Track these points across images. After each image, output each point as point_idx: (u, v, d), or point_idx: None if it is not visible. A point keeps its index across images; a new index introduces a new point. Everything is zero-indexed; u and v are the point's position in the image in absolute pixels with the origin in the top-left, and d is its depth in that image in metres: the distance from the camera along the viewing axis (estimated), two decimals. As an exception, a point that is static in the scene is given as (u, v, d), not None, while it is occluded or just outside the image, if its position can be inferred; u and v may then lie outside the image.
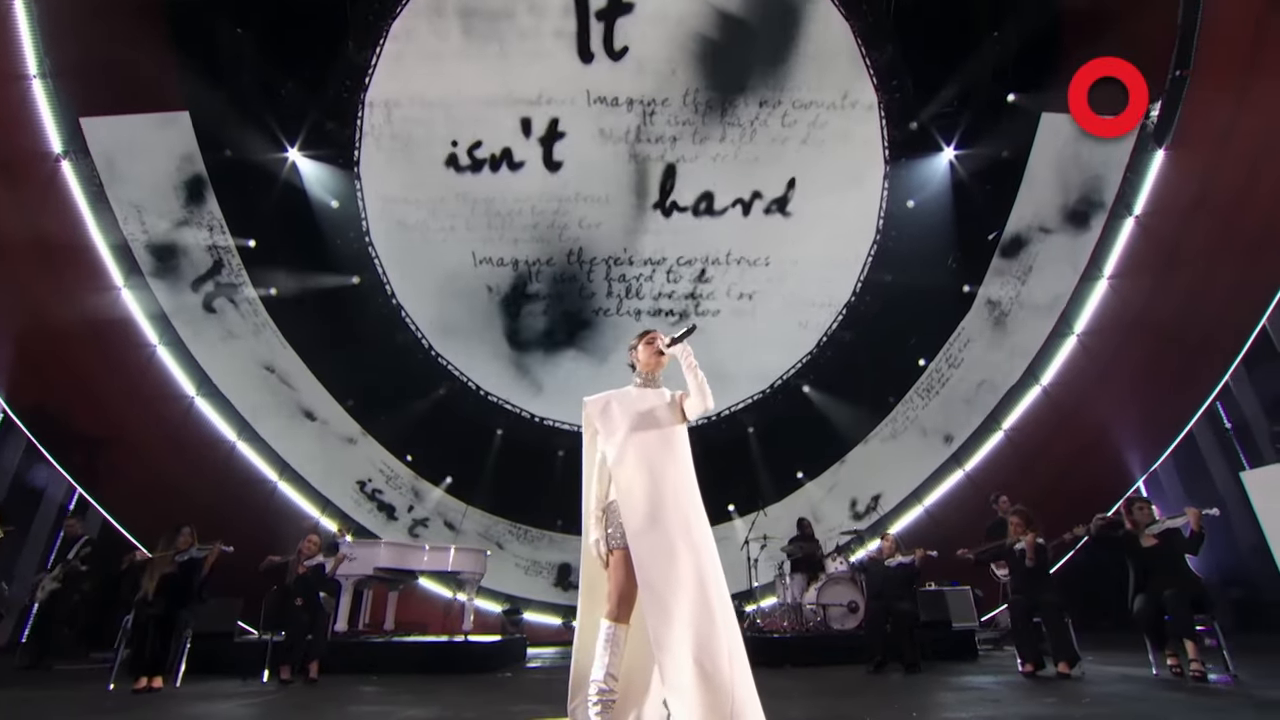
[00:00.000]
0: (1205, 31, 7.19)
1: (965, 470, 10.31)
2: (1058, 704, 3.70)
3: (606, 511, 2.74)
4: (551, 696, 4.53)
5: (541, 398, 11.55)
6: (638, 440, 2.74)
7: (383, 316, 11.02)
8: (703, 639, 2.45)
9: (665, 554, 2.53)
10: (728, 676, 2.45)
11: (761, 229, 11.20)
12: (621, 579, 2.59)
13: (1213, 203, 7.61)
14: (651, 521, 2.58)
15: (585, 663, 2.83)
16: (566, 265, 11.33)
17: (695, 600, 2.50)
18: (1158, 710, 3.36)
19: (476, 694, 4.76)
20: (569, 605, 11.16)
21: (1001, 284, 10.22)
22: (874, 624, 5.83)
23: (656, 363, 2.97)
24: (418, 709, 3.97)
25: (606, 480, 2.80)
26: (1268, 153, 7.30)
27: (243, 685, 5.17)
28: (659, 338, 2.99)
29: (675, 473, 2.74)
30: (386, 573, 6.93)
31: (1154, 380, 8.82)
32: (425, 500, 11.20)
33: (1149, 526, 4.94)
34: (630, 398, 2.91)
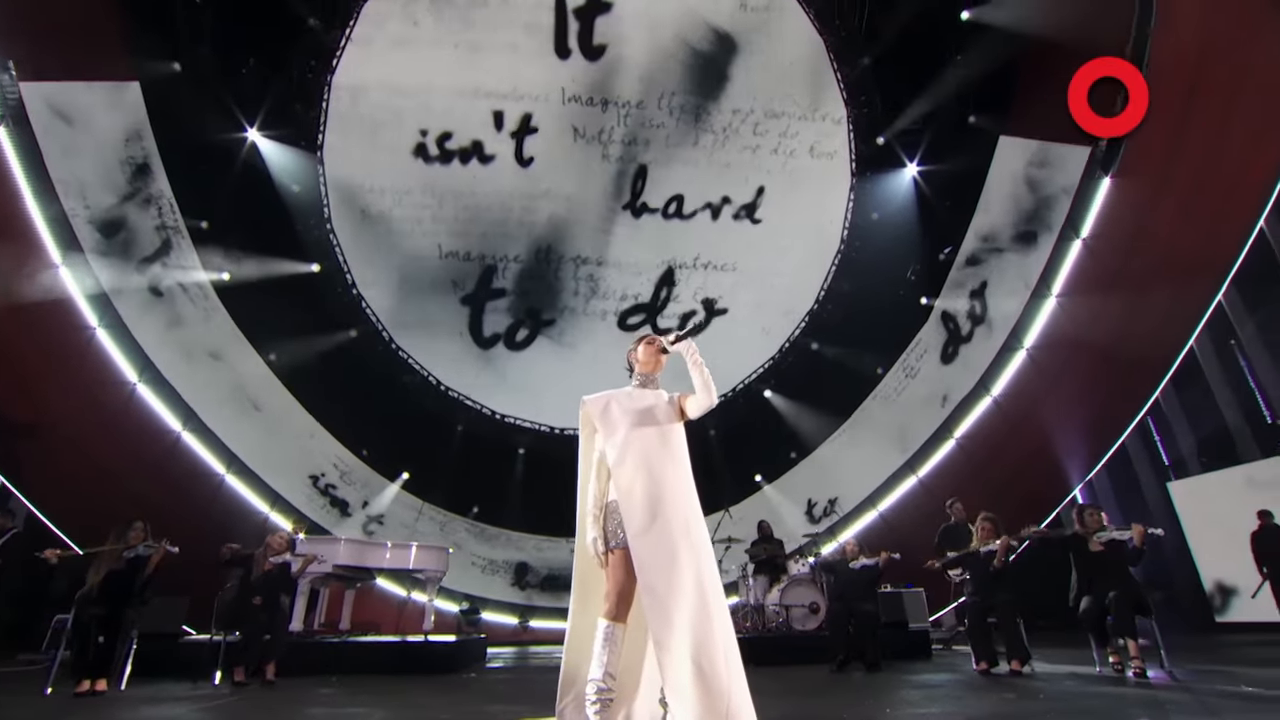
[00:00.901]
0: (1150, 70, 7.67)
1: (919, 476, 10.69)
2: (1017, 700, 3.88)
3: (605, 511, 2.74)
4: (523, 697, 4.49)
5: (503, 394, 11.41)
6: (638, 441, 2.76)
7: (342, 306, 10.69)
8: (701, 639, 2.49)
9: (667, 555, 2.56)
10: (724, 676, 2.49)
11: (729, 234, 11.36)
12: (621, 578, 2.60)
13: (1152, 231, 8.13)
14: (652, 522, 2.60)
15: (576, 662, 2.83)
16: (534, 262, 11.23)
17: (694, 601, 2.53)
18: (1109, 705, 3.58)
19: (445, 695, 4.68)
20: (526, 605, 11.08)
21: (957, 298, 10.65)
22: (838, 624, 5.99)
23: (656, 363, 2.99)
24: (387, 710, 3.88)
25: (605, 479, 2.80)
26: (1201, 189, 7.84)
27: (193, 688, 4.94)
28: (658, 339, 3.02)
29: (675, 473, 2.77)
30: (345, 571, 6.73)
31: (1093, 394, 9.35)
32: (380, 496, 10.92)
33: (1097, 533, 5.23)
34: (629, 398, 2.92)
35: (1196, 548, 9.07)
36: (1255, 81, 7.22)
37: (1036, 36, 8.58)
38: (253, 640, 5.19)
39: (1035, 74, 9.02)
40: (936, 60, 10.01)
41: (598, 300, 11.52)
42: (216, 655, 5.23)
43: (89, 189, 9.20)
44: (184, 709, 4.10)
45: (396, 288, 10.88)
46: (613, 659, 2.51)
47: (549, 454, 11.33)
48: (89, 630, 4.69)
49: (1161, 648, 4.80)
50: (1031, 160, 9.35)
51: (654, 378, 3.01)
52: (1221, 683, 4.38)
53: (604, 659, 2.49)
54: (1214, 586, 8.95)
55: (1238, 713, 3.25)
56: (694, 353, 2.86)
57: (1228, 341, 9.50)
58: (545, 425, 11.47)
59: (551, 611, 11.10)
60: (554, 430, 11.49)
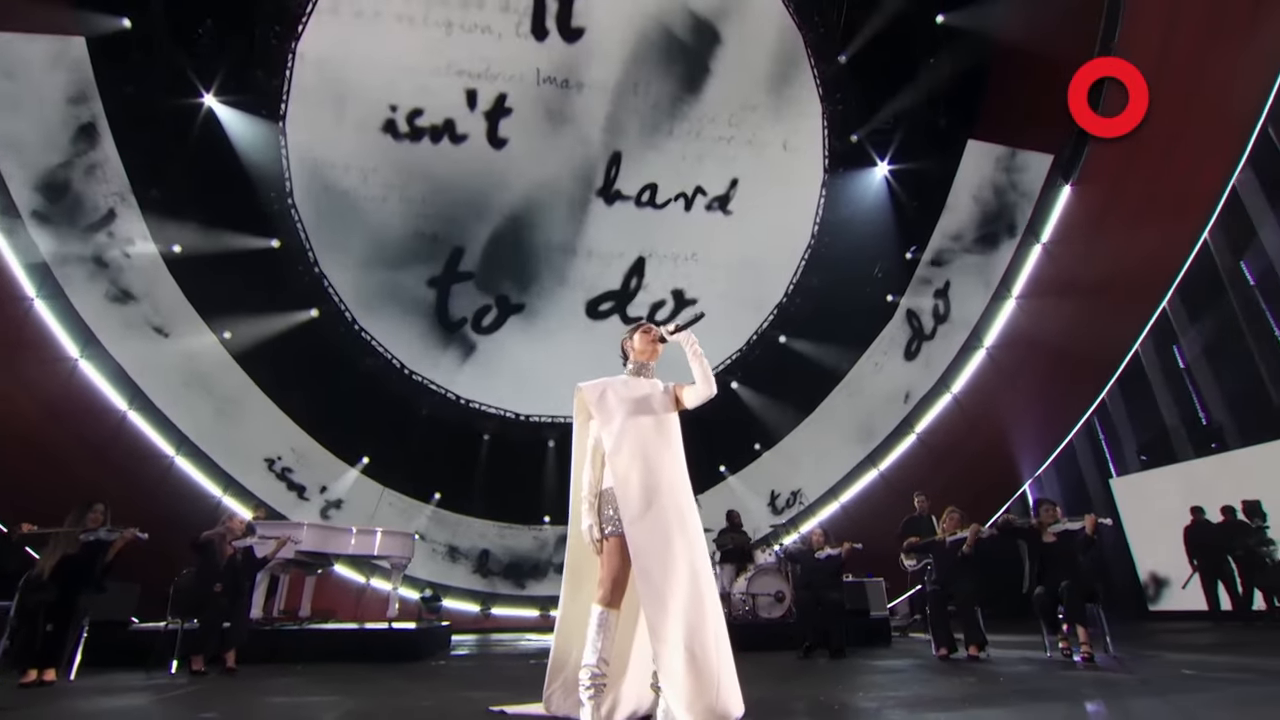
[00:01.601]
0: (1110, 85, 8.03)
1: (880, 470, 11.03)
2: (978, 683, 4.08)
3: (600, 498, 2.77)
4: (500, 683, 4.51)
5: (469, 379, 11.28)
6: (634, 429, 2.80)
7: (303, 285, 10.37)
8: (694, 625, 2.56)
9: (661, 542, 2.61)
10: (715, 661, 2.57)
11: (701, 225, 11.43)
12: (616, 565, 2.64)
13: (1106, 239, 8.54)
14: (648, 510, 2.64)
15: (565, 647, 2.88)
16: (503, 246, 11.09)
17: (688, 588, 2.59)
18: (1066, 687, 3.80)
19: (418, 682, 4.65)
20: (488, 592, 11.04)
21: (923, 297, 10.98)
22: (805, 612, 6.17)
23: (652, 352, 3.03)
24: (363, 698, 3.84)
25: (600, 466, 2.83)
26: (1151, 202, 8.27)
27: (148, 678, 4.78)
28: (655, 327, 3.05)
29: (670, 461, 2.82)
30: (307, 557, 6.58)
31: (1046, 393, 9.81)
32: (339, 481, 10.69)
33: (1052, 525, 5.51)
34: (625, 386, 2.96)
35: (1134, 541, 9.65)
36: (1205, 100, 7.64)
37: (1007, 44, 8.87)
38: (212, 628, 5.05)
39: (1004, 80, 9.33)
40: (910, 61, 10.26)
41: (567, 287, 11.47)
42: (171, 644, 5.07)
43: (28, 149, 8.67)
44: (142, 699, 3.97)
45: (361, 267, 10.60)
46: (607, 645, 2.56)
47: (514, 441, 11.29)
48: (36, 617, 4.49)
49: (1107, 634, 5.10)
50: (997, 165, 9.69)
51: (649, 366, 3.05)
52: (1162, 666, 4.69)
53: (598, 645, 2.53)
54: (1148, 577, 9.54)
55: (1180, 692, 3.49)
56: (694, 344, 2.91)
57: (1170, 347, 10.09)
58: (510, 411, 11.39)
59: (514, 599, 11.10)
60: (519, 417, 11.43)
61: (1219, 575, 7.89)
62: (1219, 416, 9.28)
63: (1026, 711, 3.12)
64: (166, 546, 5.46)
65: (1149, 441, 10.24)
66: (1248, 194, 8.40)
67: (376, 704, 3.65)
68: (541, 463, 11.29)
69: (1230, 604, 7.79)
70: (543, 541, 11.44)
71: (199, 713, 3.44)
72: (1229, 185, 7.75)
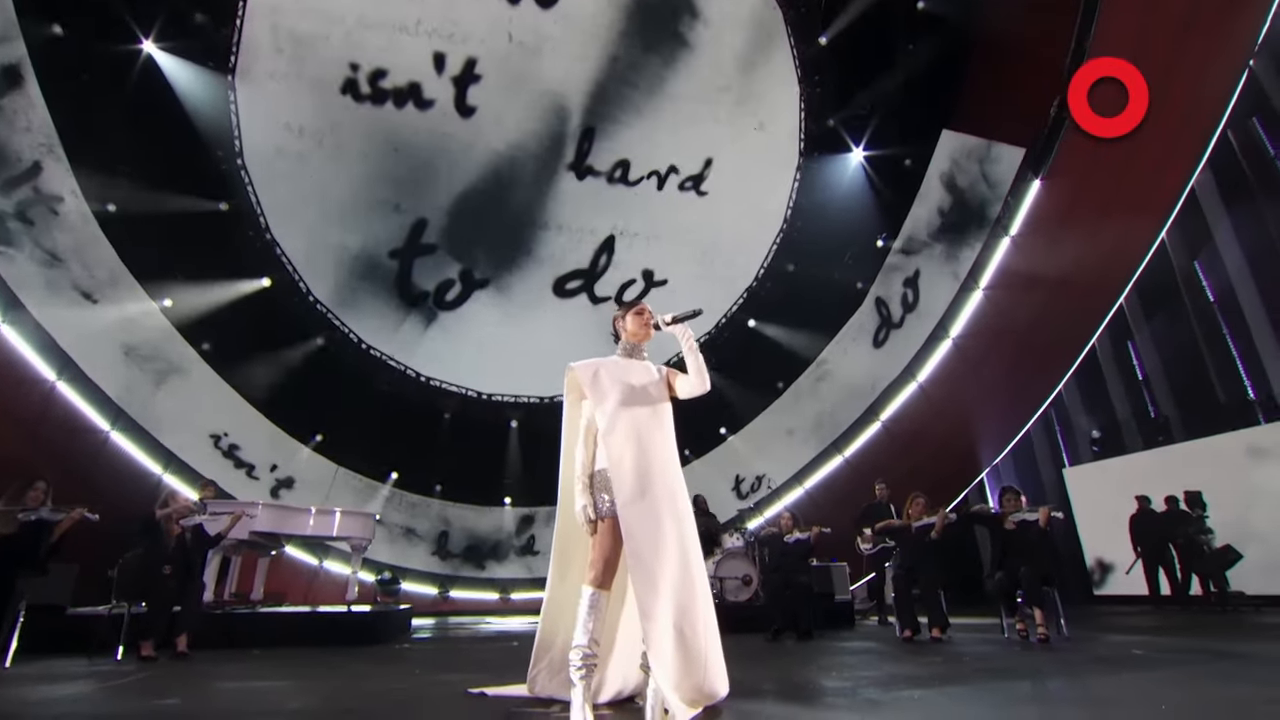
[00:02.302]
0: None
1: (845, 456, 11.35)
2: (944, 663, 4.30)
3: (593, 479, 2.80)
4: (471, 666, 4.51)
5: (429, 356, 11.12)
6: (627, 411, 2.83)
7: (253, 252, 9.99)
8: (684, 606, 2.62)
9: (653, 524, 2.66)
10: (703, 643, 2.65)
11: (673, 205, 11.42)
12: (608, 547, 2.68)
13: (1070, 234, 8.90)
14: (641, 492, 2.69)
15: (551, 629, 2.93)
16: (469, 219, 10.88)
17: (678, 570, 2.65)
18: (1027, 665, 4.05)
19: (385, 665, 4.62)
20: (447, 575, 11.00)
21: (892, 285, 11.25)
22: (774, 595, 6.36)
23: (645, 335, 3.05)
24: (330, 683, 3.81)
25: (593, 447, 2.85)
26: (1114, 200, 8.63)
27: (91, 665, 4.62)
28: (649, 310, 3.07)
29: (663, 444, 2.87)
30: (261, 538, 6.43)
31: (1008, 383, 10.25)
32: (291, 459, 10.44)
33: (1012, 514, 5.80)
34: (618, 368, 2.97)
35: (1083, 528, 10.22)
36: (1173, 100, 8.00)
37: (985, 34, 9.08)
38: (161, 611, 4.90)
39: (981, 72, 9.56)
40: (890, 47, 10.39)
41: (534, 263, 11.36)
42: (117, 629, 4.90)
43: (-61, 93, 8.08)
44: (89, 686, 3.84)
45: (317, 235, 10.27)
46: (597, 625, 2.60)
47: (475, 420, 11.20)
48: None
49: (1061, 617, 5.43)
50: (971, 155, 9.95)
51: (641, 348, 3.07)
52: (1113, 646, 5.01)
53: (589, 625, 2.57)
54: (1094, 563, 10.13)
55: (1133, 669, 3.76)
56: (689, 338, 2.97)
57: (1125, 343, 10.64)
58: (472, 390, 11.28)
59: (473, 582, 11.09)
60: (481, 396, 11.33)
61: (1160, 561, 8.43)
62: (1167, 411, 9.86)
63: (994, 689, 3.31)
64: (104, 527, 5.25)
65: (1100, 432, 10.81)
66: (1205, 195, 8.87)
67: (344, 688, 3.63)
68: (503, 443, 11.25)
69: (1169, 589, 8.34)
70: (503, 523, 11.42)
71: (156, 699, 3.36)
72: (1188, 186, 8.15)
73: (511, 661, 4.78)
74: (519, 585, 11.22)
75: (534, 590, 11.20)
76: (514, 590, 11.15)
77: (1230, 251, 8.73)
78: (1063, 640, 5.23)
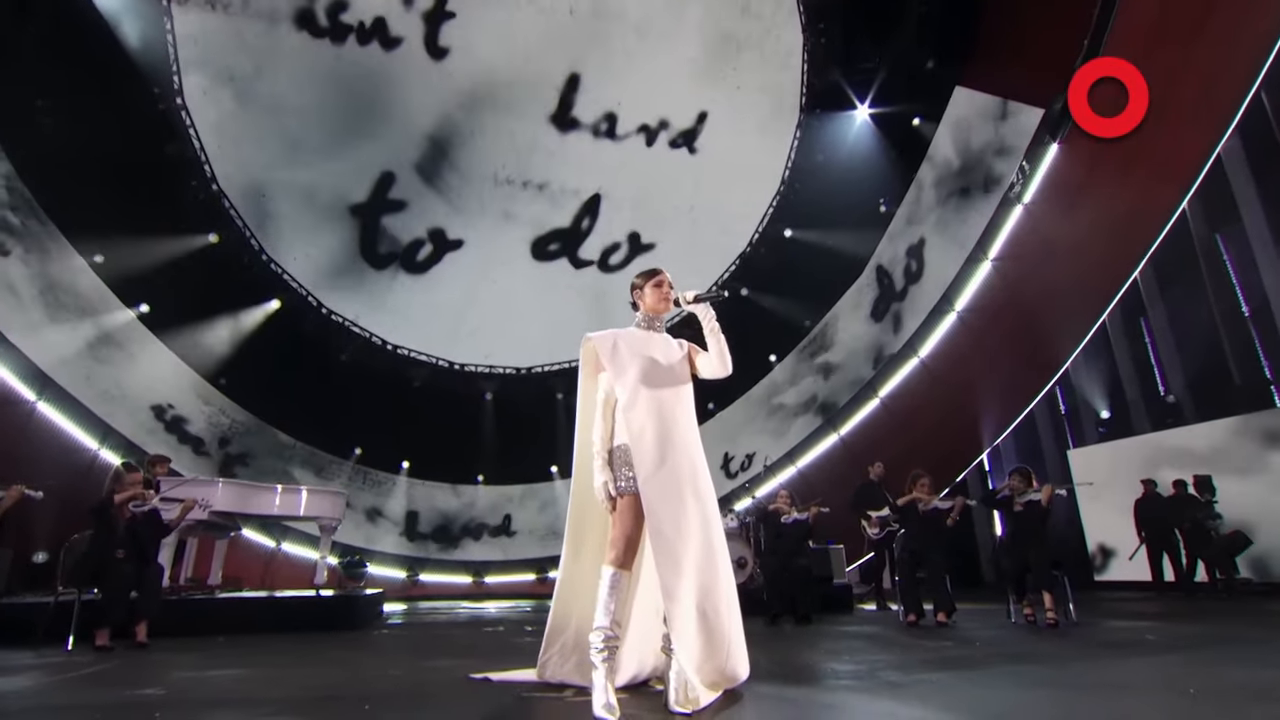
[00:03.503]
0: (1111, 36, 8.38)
1: (840, 434, 11.54)
2: (956, 647, 4.45)
3: (613, 455, 2.84)
4: (459, 651, 4.54)
5: (396, 321, 11.03)
6: (649, 384, 2.88)
7: (198, 204, 9.72)
8: (706, 587, 2.68)
9: (675, 501, 2.71)
10: (726, 623, 2.72)
11: (663, 163, 11.32)
12: (629, 524, 2.72)
13: (1087, 201, 9.02)
14: (662, 468, 2.74)
15: (565, 611, 2.97)
16: (439, 173, 10.70)
17: (700, 548, 2.71)
18: (1044, 650, 4.21)
19: (367, 652, 4.64)
20: (416, 557, 11.02)
21: (893, 254, 11.35)
22: (772, 579, 6.50)
23: (663, 308, 3.10)
24: (316, 670, 3.82)
25: (611, 421, 2.89)
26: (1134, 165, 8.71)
27: (39, 656, 4.54)
28: (668, 281, 3.11)
29: (684, 419, 2.93)
30: (220, 518, 6.37)
31: (1013, 359, 10.45)
32: (244, 434, 10.30)
33: (1020, 496, 5.98)
34: (637, 340, 3.02)
35: (1085, 512, 10.57)
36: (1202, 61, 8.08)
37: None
38: (117, 598, 4.85)
39: (998, 25, 9.55)
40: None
41: (512, 224, 11.23)
42: (65, 618, 4.81)
43: None
44: (45, 678, 3.78)
45: (270, 186, 10.02)
46: (619, 607, 2.66)
47: (446, 392, 11.15)
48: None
49: (1071, 601, 5.63)
50: (985, 115, 9.98)
51: (660, 321, 3.13)
52: (1124, 632, 5.23)
53: (610, 606, 2.62)
54: (1096, 548, 10.52)
55: (1149, 654, 3.94)
56: (711, 319, 3.02)
57: (1137, 318, 10.90)
58: (444, 359, 11.23)
59: (445, 564, 11.14)
60: (453, 366, 11.27)
61: (1165, 547, 8.76)
62: (1178, 391, 10.17)
63: (1013, 673, 3.45)
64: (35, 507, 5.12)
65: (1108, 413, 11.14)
66: (1232, 163, 9.03)
67: (334, 675, 3.64)
68: (476, 417, 11.22)
69: (1173, 575, 8.69)
70: (476, 503, 11.45)
71: (131, 689, 3.32)
72: (1214, 152, 8.29)
73: (504, 646, 4.86)
74: (494, 568, 11.31)
75: (510, 573, 11.31)
76: (489, 573, 11.22)
77: (1255, 224, 8.93)
78: (1072, 625, 5.43)
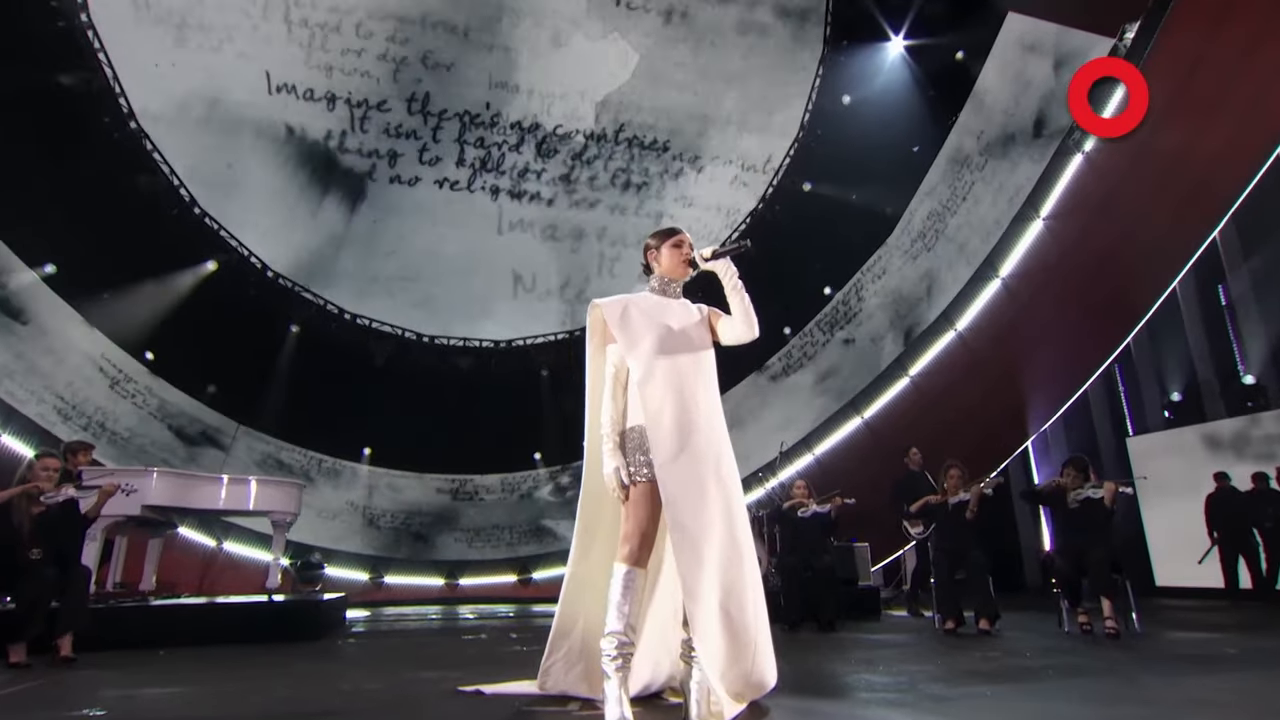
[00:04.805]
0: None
1: (864, 417, 11.60)
2: (1006, 657, 4.53)
3: (625, 438, 2.85)
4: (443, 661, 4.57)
5: (355, 288, 10.96)
6: (666, 357, 2.89)
7: (111, 145, 9.51)
8: (731, 585, 2.70)
9: (697, 490, 2.72)
10: (752, 625, 2.75)
11: (664, 103, 11.21)
12: (645, 516, 2.73)
13: (1162, 144, 8.90)
14: (682, 452, 2.74)
15: (571, 614, 3.02)
16: (405, 114, 10.58)
17: (724, 542, 2.72)
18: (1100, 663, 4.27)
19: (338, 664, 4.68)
20: (381, 556, 11.09)
21: (930, 211, 11.33)
22: (791, 580, 6.57)
23: (681, 271, 3.11)
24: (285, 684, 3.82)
25: (623, 400, 2.91)
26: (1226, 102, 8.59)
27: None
28: (688, 242, 3.11)
29: (706, 397, 2.94)
30: (155, 513, 6.37)
31: (1064, 333, 10.48)
32: (176, 415, 10.27)
33: (1074, 491, 6.04)
34: (651, 306, 3.03)
35: (1147, 508, 10.67)
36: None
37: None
38: (35, 607, 4.79)
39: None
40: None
41: (489, 174, 11.14)
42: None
43: None
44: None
45: (201, 126, 9.83)
46: (634, 609, 2.66)
47: (415, 368, 11.12)
48: None
49: (1134, 609, 5.72)
50: (1041, 47, 9.88)
51: (677, 285, 3.14)
52: (1198, 644, 5.29)
53: (624, 609, 2.63)
54: (1159, 549, 10.61)
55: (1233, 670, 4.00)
56: (733, 276, 3.01)
57: (1214, 285, 10.87)
58: (411, 330, 11.22)
59: (412, 564, 11.22)
60: (422, 338, 11.25)
61: (1241, 549, 8.83)
62: (1261, 371, 10.16)
63: (1076, 687, 3.49)
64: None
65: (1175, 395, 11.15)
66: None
67: (302, 690, 3.66)
68: (448, 398, 11.21)
69: (1251, 582, 8.77)
70: (449, 495, 11.49)
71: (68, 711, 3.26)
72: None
73: (490, 656, 4.91)
74: (470, 568, 11.38)
75: (488, 574, 11.40)
76: (464, 574, 11.30)
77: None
78: (1135, 635, 5.51)
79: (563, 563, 3.12)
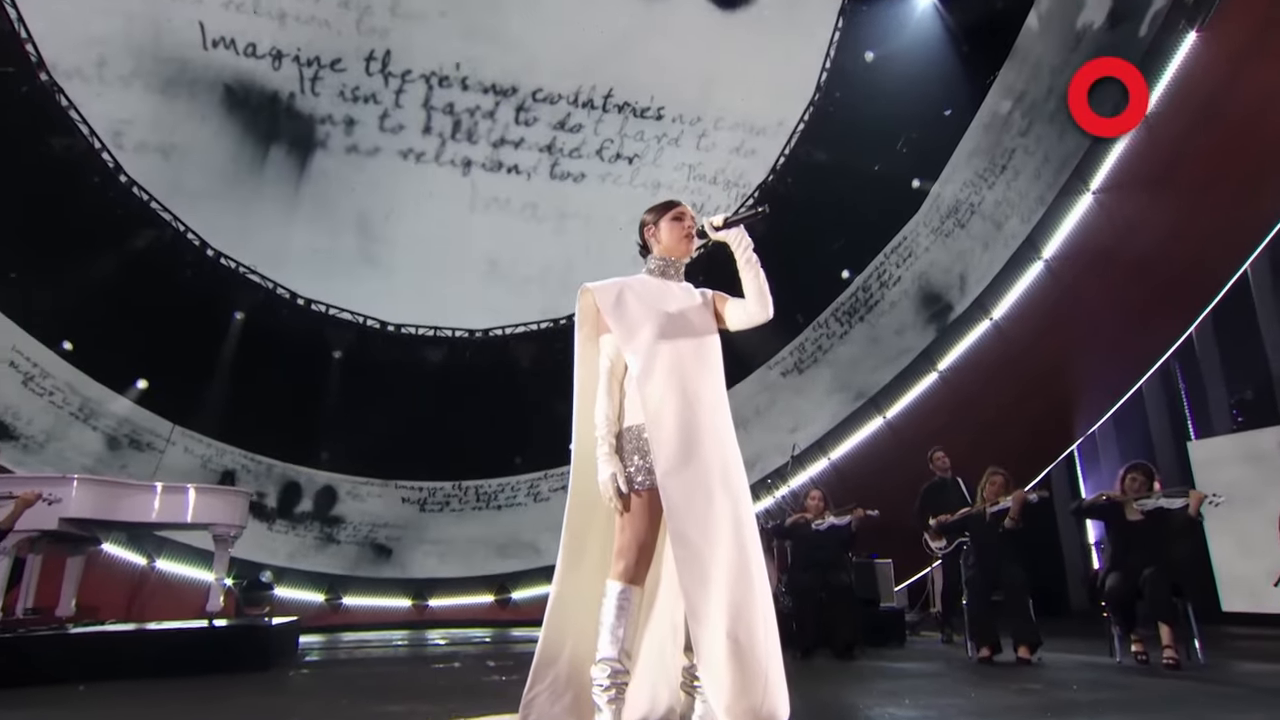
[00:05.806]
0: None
1: (886, 417, 11.59)
2: (1049, 689, 4.50)
3: (621, 439, 2.83)
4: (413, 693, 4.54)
5: (309, 270, 10.95)
6: (667, 348, 2.88)
7: (29, 107, 9.47)
8: (739, 606, 2.67)
9: (703, 498, 2.69)
10: (763, 652, 2.71)
11: (660, 62, 11.15)
12: (643, 529, 2.72)
13: (1229, 110, 8.89)
14: (686, 456, 2.72)
15: (557, 638, 3.01)
16: (363, 74, 10.55)
17: (732, 558, 2.69)
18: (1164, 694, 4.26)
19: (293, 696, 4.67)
20: (338, 575, 11.07)
21: (964, 183, 11.30)
22: (805, 601, 6.54)
23: (684, 249, 3.11)
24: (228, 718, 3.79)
25: (619, 397, 2.90)
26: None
27: None
28: (690, 214, 3.11)
29: (711, 394, 2.93)
30: (76, 527, 6.32)
31: (1116, 323, 10.46)
32: (100, 415, 10.20)
33: (1139, 500, 6.00)
34: (650, 290, 3.03)
35: (1211, 523, 10.63)
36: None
37: None
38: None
39: None
40: None
41: (460, 143, 11.10)
42: None
43: None
44: None
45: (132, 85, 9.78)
46: (630, 632, 2.65)
47: (376, 360, 11.12)
48: None
49: (1196, 636, 5.69)
50: (1091, 0, 9.89)
51: (679, 265, 3.15)
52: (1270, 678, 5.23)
53: (618, 632, 2.62)
54: (1226, 569, 10.59)
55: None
56: (747, 247, 3.00)
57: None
58: (373, 318, 11.20)
59: (374, 583, 11.21)
60: (385, 327, 11.23)
61: (1324, 571, 8.82)
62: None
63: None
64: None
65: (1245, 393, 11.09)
66: None
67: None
68: (416, 394, 11.19)
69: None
70: (415, 503, 11.46)
71: None
72: None
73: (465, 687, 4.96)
74: (440, 588, 11.35)
75: (460, 594, 11.38)
76: (433, 594, 11.30)
77: None
78: (1198, 667, 5.48)
79: (547, 581, 3.08)
